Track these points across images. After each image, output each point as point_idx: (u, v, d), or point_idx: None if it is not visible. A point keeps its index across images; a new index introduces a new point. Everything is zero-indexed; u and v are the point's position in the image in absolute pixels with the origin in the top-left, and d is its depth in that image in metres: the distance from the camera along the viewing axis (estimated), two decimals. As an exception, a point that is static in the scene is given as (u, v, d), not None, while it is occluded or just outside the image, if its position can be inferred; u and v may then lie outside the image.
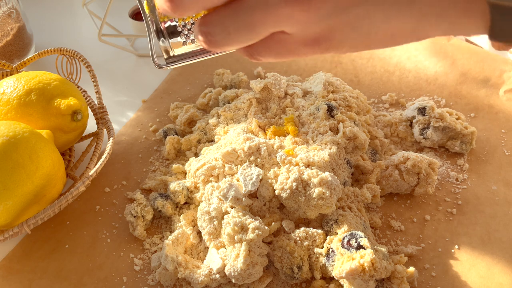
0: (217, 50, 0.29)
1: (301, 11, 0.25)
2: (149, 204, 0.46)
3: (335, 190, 0.40)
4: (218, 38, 0.27)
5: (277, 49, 0.28)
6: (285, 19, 0.25)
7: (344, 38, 0.27)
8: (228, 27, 0.27)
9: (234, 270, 0.38)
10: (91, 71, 0.54)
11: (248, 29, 0.26)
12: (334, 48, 0.27)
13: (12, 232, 0.40)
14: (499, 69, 0.58)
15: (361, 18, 0.25)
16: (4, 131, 0.41)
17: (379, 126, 0.53)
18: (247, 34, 0.27)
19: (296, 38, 0.27)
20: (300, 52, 0.28)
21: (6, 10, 0.61)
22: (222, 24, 0.27)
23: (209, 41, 0.28)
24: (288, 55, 0.28)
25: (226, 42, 0.27)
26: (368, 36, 0.26)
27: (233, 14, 0.26)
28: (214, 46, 0.28)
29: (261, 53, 0.29)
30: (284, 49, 0.28)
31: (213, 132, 0.51)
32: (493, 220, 0.44)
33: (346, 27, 0.26)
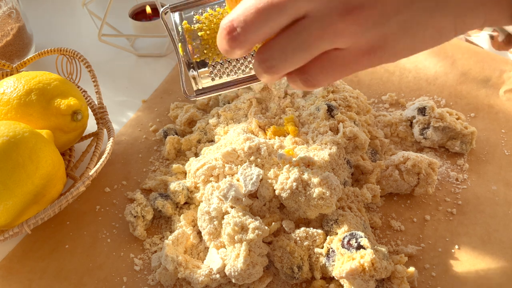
0: (275, 74, 0.29)
1: (355, 23, 0.26)
2: (149, 204, 0.46)
3: (335, 190, 0.40)
4: (276, 62, 0.28)
5: (333, 68, 0.28)
6: (340, 33, 0.26)
7: (397, 43, 0.27)
8: (285, 49, 0.28)
9: (234, 270, 0.38)
10: (91, 71, 0.54)
11: (305, 47, 0.27)
12: (388, 55, 0.28)
13: (12, 232, 0.40)
14: (499, 69, 0.58)
15: (409, 20, 0.27)
16: (4, 131, 0.41)
17: (379, 126, 0.53)
18: (304, 53, 0.28)
19: (351, 51, 0.28)
20: (356, 65, 0.28)
21: (6, 10, 0.61)
22: (279, 47, 0.28)
23: (267, 67, 0.29)
24: (344, 71, 0.29)
25: (284, 64, 0.28)
26: (418, 36, 0.27)
27: (290, 36, 0.27)
28: (272, 72, 0.29)
29: (317, 76, 0.29)
30: (340, 65, 0.28)
31: (213, 132, 0.51)
32: (493, 220, 0.44)
33: (398, 31, 0.27)
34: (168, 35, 0.35)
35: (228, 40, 0.28)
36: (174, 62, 0.67)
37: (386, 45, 0.27)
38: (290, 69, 0.29)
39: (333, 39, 0.27)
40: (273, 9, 0.27)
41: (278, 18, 0.27)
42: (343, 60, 0.28)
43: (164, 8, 0.35)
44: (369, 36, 0.27)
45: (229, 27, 0.28)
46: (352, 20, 0.26)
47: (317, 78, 0.29)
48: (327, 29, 0.26)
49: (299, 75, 0.29)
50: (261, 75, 0.30)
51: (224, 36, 0.28)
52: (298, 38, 0.27)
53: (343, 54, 0.28)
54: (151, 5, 0.70)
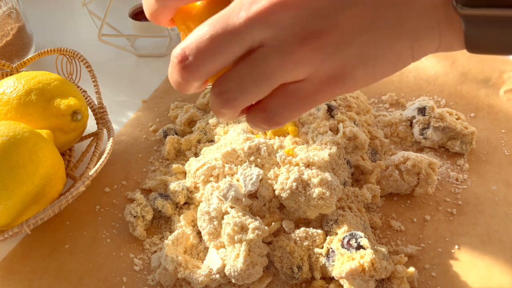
0: (233, 109, 0.27)
1: (313, 49, 0.25)
2: (149, 204, 0.46)
3: (335, 190, 0.40)
4: (234, 95, 0.26)
5: (294, 101, 0.27)
6: (300, 60, 0.25)
7: (356, 70, 0.26)
8: (244, 80, 0.26)
9: (234, 270, 0.38)
10: (91, 71, 0.54)
11: (265, 77, 0.26)
12: (348, 83, 0.27)
13: (12, 232, 0.40)
14: (499, 69, 0.58)
15: (367, 44, 0.26)
16: (4, 131, 0.41)
17: (379, 126, 0.53)
18: (263, 83, 0.26)
19: (312, 82, 0.26)
20: (318, 96, 0.27)
21: (6, 10, 0.61)
22: (237, 78, 0.26)
23: (225, 100, 0.27)
24: (306, 104, 0.27)
25: (242, 95, 0.26)
26: (377, 62, 0.26)
27: (248, 66, 0.26)
28: (231, 105, 0.27)
29: (279, 112, 0.27)
30: (302, 98, 0.27)
31: (213, 132, 0.51)
32: (493, 220, 0.44)
33: (357, 57, 0.26)
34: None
35: (180, 70, 0.26)
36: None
37: (346, 73, 0.26)
38: (250, 102, 0.27)
39: (293, 68, 0.25)
40: (228, 36, 0.25)
41: (234, 46, 0.25)
42: (304, 92, 0.27)
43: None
44: (329, 64, 0.26)
45: (181, 55, 0.26)
46: (310, 47, 0.25)
47: (279, 115, 0.27)
48: (286, 57, 0.25)
49: (259, 113, 0.28)
50: (218, 111, 0.28)
51: (175, 66, 0.26)
52: (257, 68, 0.25)
53: (303, 85, 0.26)
54: (151, 5, 0.70)
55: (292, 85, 0.26)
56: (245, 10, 0.25)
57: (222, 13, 0.25)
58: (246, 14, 0.25)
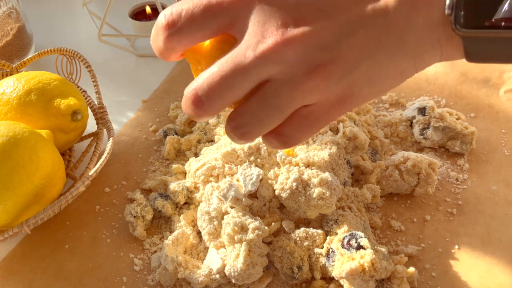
0: (249, 140, 0.29)
1: (321, 79, 0.26)
2: (149, 204, 0.46)
3: (335, 190, 0.40)
4: (249, 128, 0.28)
5: (307, 124, 0.29)
6: (309, 90, 0.27)
7: (362, 90, 0.28)
8: (258, 113, 0.28)
9: (234, 270, 0.38)
10: (91, 71, 0.54)
11: (278, 110, 0.27)
12: (356, 101, 0.28)
13: (12, 232, 0.40)
14: (499, 69, 0.58)
15: (371, 67, 0.27)
16: (4, 131, 0.41)
17: (379, 126, 0.53)
18: (277, 115, 0.28)
19: (322, 105, 0.28)
20: (328, 116, 0.29)
21: (6, 10, 0.61)
22: (251, 113, 0.28)
23: (241, 134, 0.29)
24: (319, 124, 0.29)
25: (258, 129, 0.28)
26: (382, 80, 0.28)
27: (260, 101, 0.27)
28: (247, 138, 0.29)
29: (294, 135, 0.29)
30: (314, 120, 0.28)
31: (213, 132, 0.51)
32: (493, 220, 0.44)
33: (362, 79, 0.27)
34: None
35: (194, 109, 0.28)
36: (174, 62, 0.67)
37: (353, 93, 0.28)
38: (265, 132, 0.29)
39: (303, 97, 0.27)
40: (237, 75, 0.26)
41: (243, 83, 0.27)
42: (315, 115, 0.28)
43: None
44: (336, 88, 0.27)
45: (193, 95, 0.27)
46: (318, 78, 0.26)
47: (295, 137, 0.29)
48: (295, 89, 0.27)
49: (276, 138, 0.29)
50: (235, 141, 0.30)
51: (189, 105, 0.28)
52: (269, 101, 0.27)
53: (314, 109, 0.28)
54: (151, 5, 0.70)
55: (303, 110, 0.28)
56: (252, 50, 0.26)
57: (231, 53, 0.27)
58: (254, 53, 0.26)
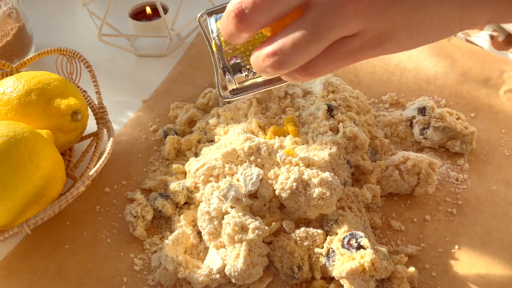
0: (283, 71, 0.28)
1: (365, 5, 0.26)
2: (149, 204, 0.46)
3: (335, 190, 0.40)
4: (287, 56, 0.27)
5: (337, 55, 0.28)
6: (351, 16, 0.26)
7: (403, 31, 0.27)
8: (298, 40, 0.27)
9: (234, 270, 0.38)
10: (91, 71, 0.54)
11: (318, 37, 0.27)
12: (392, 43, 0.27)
13: (12, 232, 0.40)
14: (499, 69, 0.58)
15: (416, 7, 0.26)
16: (4, 131, 0.41)
17: (379, 126, 0.53)
18: (317, 44, 0.27)
19: (359, 38, 0.27)
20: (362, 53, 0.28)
21: (6, 10, 0.61)
22: (292, 39, 0.27)
23: (278, 62, 0.28)
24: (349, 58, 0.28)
25: (296, 57, 0.27)
26: (424, 26, 0.27)
27: (301, 27, 0.27)
28: (283, 67, 0.28)
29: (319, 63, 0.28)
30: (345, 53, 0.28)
31: (213, 132, 0.51)
32: (493, 220, 0.44)
33: (403, 17, 0.26)
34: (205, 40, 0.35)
35: (236, 22, 0.27)
36: (174, 62, 0.67)
37: (392, 32, 0.27)
38: (301, 63, 0.28)
39: (344, 24, 0.26)
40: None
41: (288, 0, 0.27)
42: (351, 47, 0.27)
43: (201, 13, 0.35)
44: (378, 20, 0.26)
45: (238, 8, 0.27)
46: (361, 4, 0.26)
47: (319, 66, 0.28)
48: (337, 13, 0.26)
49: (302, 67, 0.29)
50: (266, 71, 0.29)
51: (232, 18, 0.27)
52: (310, 26, 0.26)
53: (350, 41, 0.27)
54: (151, 5, 0.70)
55: (340, 40, 0.27)
56: None
57: None
58: None
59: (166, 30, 0.68)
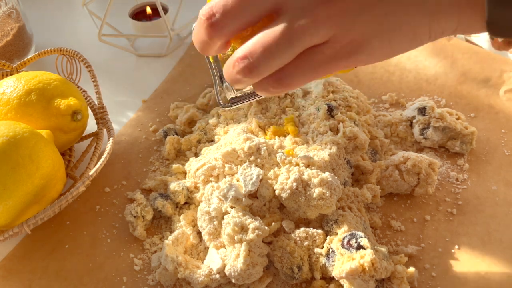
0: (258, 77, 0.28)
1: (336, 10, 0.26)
2: (149, 204, 0.46)
3: (335, 190, 0.40)
4: (258, 62, 0.27)
5: (311, 64, 0.27)
6: (322, 21, 0.26)
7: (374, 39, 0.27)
8: (269, 44, 0.26)
9: (234, 270, 0.38)
10: (91, 71, 0.54)
11: (289, 41, 0.26)
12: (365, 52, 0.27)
13: (12, 232, 0.40)
14: (499, 69, 0.58)
15: (386, 14, 0.26)
16: (4, 131, 0.41)
17: (379, 126, 0.53)
18: (288, 49, 0.26)
19: (332, 46, 0.27)
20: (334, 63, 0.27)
21: (6, 10, 0.61)
22: (262, 44, 0.27)
23: (249, 68, 0.27)
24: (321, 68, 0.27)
25: (267, 62, 0.27)
26: (394, 34, 0.27)
27: (272, 31, 0.26)
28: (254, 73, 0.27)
29: (292, 73, 0.28)
30: (318, 62, 0.27)
31: (213, 132, 0.51)
32: (493, 220, 0.44)
33: (374, 25, 0.26)
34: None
35: (207, 27, 0.27)
36: (174, 62, 0.67)
37: (363, 41, 0.27)
38: (272, 70, 0.27)
39: (315, 29, 0.26)
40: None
41: (259, 4, 0.26)
42: (322, 56, 0.27)
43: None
44: (349, 27, 0.26)
45: (208, 13, 0.27)
46: (333, 8, 0.26)
47: (292, 76, 0.28)
48: (309, 19, 0.26)
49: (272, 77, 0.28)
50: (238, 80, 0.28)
51: (202, 23, 0.27)
52: (281, 32, 0.26)
53: (322, 49, 0.27)
54: (151, 5, 0.70)
55: (310, 49, 0.27)
56: None
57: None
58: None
59: (166, 30, 0.68)
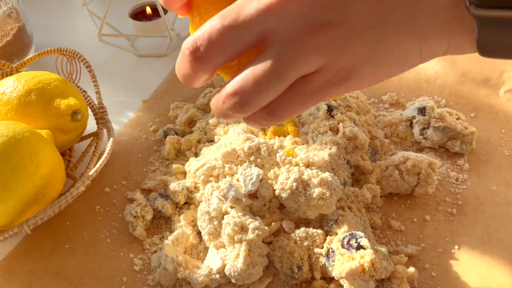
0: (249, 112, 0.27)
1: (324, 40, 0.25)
2: (149, 204, 0.46)
3: (335, 190, 0.40)
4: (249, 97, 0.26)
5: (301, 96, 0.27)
6: (311, 52, 0.25)
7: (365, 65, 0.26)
8: (259, 78, 0.26)
9: (234, 270, 0.38)
10: (91, 71, 0.54)
11: (280, 74, 0.26)
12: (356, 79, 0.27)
13: (12, 232, 0.40)
14: (499, 69, 0.58)
15: (376, 40, 0.26)
16: (4, 131, 0.41)
17: (379, 126, 0.53)
18: (279, 80, 0.26)
19: (322, 75, 0.26)
20: (326, 91, 0.27)
21: (6, 10, 0.61)
22: (253, 79, 0.26)
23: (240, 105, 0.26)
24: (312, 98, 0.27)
25: (259, 96, 0.26)
26: (384, 58, 0.27)
27: (261, 64, 0.26)
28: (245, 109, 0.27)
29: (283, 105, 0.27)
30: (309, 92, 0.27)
31: (213, 132, 0.51)
32: (493, 220, 0.44)
33: (365, 52, 0.26)
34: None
35: (191, 61, 0.26)
36: (174, 62, 0.67)
37: (355, 68, 0.26)
38: (263, 103, 0.27)
39: (305, 60, 0.26)
40: (239, 27, 0.25)
41: (245, 36, 0.26)
42: (312, 86, 0.27)
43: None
44: (339, 55, 0.26)
45: (192, 46, 0.26)
46: (321, 39, 0.25)
47: (283, 108, 0.27)
48: (298, 50, 0.25)
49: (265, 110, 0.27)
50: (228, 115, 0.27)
51: (186, 57, 0.26)
52: (270, 65, 0.25)
53: (313, 79, 0.26)
54: (151, 5, 0.70)
55: (300, 80, 0.26)
56: (257, 1, 0.25)
57: (234, 5, 0.26)
58: (258, 5, 0.25)
59: (166, 30, 0.68)
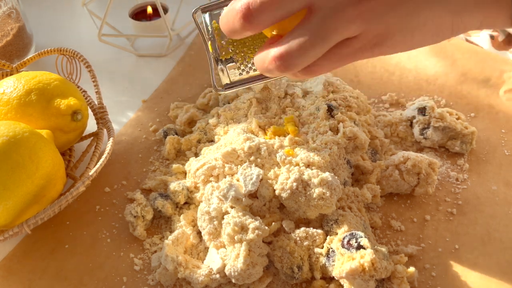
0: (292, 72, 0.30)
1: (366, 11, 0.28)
2: (149, 204, 0.46)
3: (335, 190, 0.40)
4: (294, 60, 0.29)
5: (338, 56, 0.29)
6: (352, 20, 0.28)
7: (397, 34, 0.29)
8: (304, 44, 0.28)
9: (234, 270, 0.38)
10: (91, 71, 0.54)
11: (323, 39, 0.28)
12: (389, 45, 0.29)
13: (12, 232, 0.40)
14: (499, 69, 0.58)
15: (411, 12, 0.28)
16: (4, 131, 0.41)
17: (379, 126, 0.53)
18: (322, 45, 0.29)
19: (360, 40, 0.29)
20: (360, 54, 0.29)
21: (6, 10, 0.61)
22: (298, 43, 0.29)
23: (284, 66, 0.29)
24: (347, 60, 0.30)
25: (303, 59, 0.29)
26: (416, 29, 0.29)
27: (306, 30, 0.28)
28: (290, 68, 0.29)
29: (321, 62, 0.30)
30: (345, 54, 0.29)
31: (213, 132, 0.51)
32: (493, 220, 0.44)
33: (399, 21, 0.28)
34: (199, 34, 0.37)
35: (241, 18, 0.29)
36: (174, 62, 0.67)
37: (388, 35, 0.29)
38: (307, 64, 0.29)
39: (346, 27, 0.28)
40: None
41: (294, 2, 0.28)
42: (350, 48, 0.29)
43: (195, 8, 0.37)
44: (376, 25, 0.28)
45: (246, 8, 0.28)
46: (362, 8, 0.27)
47: (322, 67, 0.30)
48: (341, 17, 0.27)
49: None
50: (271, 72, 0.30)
51: (239, 17, 0.29)
52: (315, 30, 0.28)
53: (350, 42, 0.29)
54: (152, 5, 0.70)
55: (341, 42, 0.29)
56: None
57: None
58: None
59: (166, 30, 0.68)
